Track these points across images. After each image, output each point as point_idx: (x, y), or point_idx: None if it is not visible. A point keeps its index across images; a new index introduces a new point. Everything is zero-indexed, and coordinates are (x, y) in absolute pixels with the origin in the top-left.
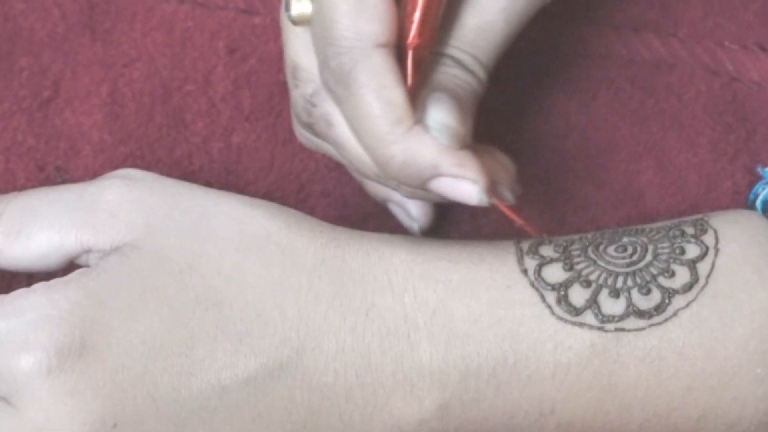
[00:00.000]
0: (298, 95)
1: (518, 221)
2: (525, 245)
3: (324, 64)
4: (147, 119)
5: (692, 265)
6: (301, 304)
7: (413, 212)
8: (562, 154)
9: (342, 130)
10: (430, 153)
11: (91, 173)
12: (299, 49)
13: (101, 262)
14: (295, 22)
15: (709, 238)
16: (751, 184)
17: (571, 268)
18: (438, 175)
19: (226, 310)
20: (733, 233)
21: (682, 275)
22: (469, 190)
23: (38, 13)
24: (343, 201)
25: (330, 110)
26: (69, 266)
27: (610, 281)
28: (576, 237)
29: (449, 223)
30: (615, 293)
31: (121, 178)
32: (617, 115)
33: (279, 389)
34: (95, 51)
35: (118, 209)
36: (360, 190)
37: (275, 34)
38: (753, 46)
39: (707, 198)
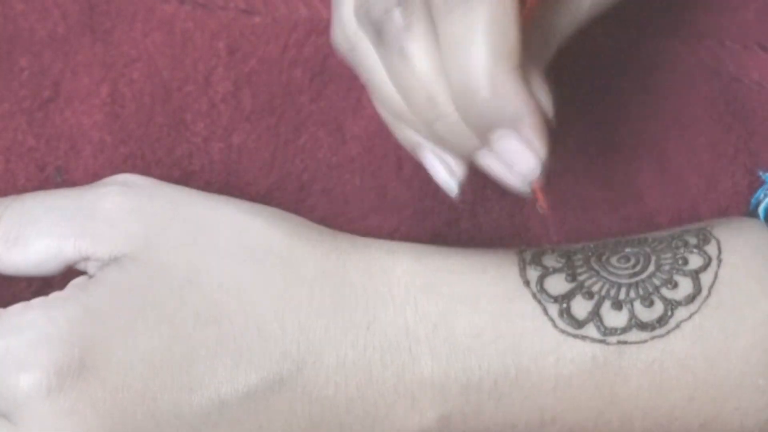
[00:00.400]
0: None
1: (544, 206)
2: (528, 255)
3: None
4: (147, 119)
5: (695, 275)
6: (301, 318)
7: (452, 163)
8: (562, 154)
9: (418, 42)
10: (519, 103)
11: (92, 173)
12: None
13: (99, 274)
14: None
15: (711, 249)
16: (751, 184)
17: (573, 279)
18: (510, 128)
19: (225, 325)
20: (736, 243)
21: (685, 286)
22: (530, 160)
23: (38, 14)
24: (345, 198)
25: (416, 16)
26: (67, 272)
27: (612, 293)
28: (579, 246)
29: (448, 222)
30: (617, 305)
31: (119, 185)
32: (617, 115)
33: (279, 402)
34: (95, 51)
35: (117, 219)
36: (361, 188)
37: (276, 34)
38: (754, 46)
39: (707, 198)
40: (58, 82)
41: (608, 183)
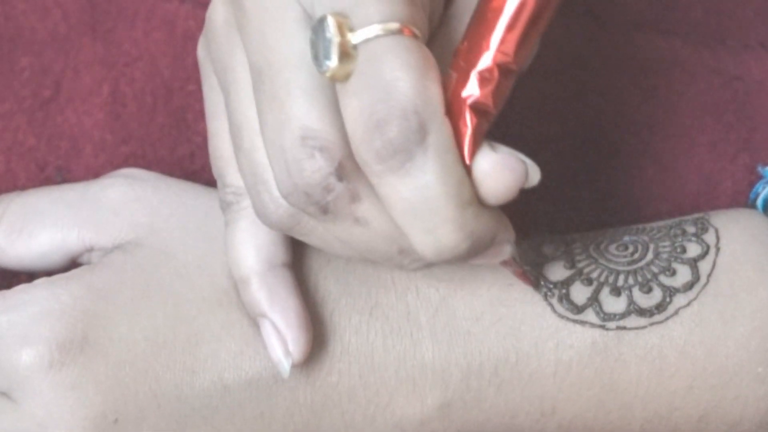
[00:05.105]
0: (312, 170)
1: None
2: (525, 244)
3: (372, 131)
4: (148, 119)
5: (693, 263)
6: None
7: (291, 342)
8: (562, 154)
9: (370, 206)
10: (492, 230)
11: (93, 173)
12: (316, 112)
13: (104, 258)
14: (335, 77)
15: (710, 237)
16: (752, 184)
17: (572, 266)
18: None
19: (234, 311)
20: (733, 232)
21: (684, 274)
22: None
23: (39, 13)
24: None
25: (358, 185)
26: (71, 266)
27: (611, 279)
28: (577, 235)
29: None
30: (616, 291)
31: (124, 177)
32: (618, 116)
33: (282, 390)
34: (96, 50)
35: (121, 207)
36: None
37: None
38: (754, 45)
39: (707, 198)
40: (59, 82)
41: (608, 183)
